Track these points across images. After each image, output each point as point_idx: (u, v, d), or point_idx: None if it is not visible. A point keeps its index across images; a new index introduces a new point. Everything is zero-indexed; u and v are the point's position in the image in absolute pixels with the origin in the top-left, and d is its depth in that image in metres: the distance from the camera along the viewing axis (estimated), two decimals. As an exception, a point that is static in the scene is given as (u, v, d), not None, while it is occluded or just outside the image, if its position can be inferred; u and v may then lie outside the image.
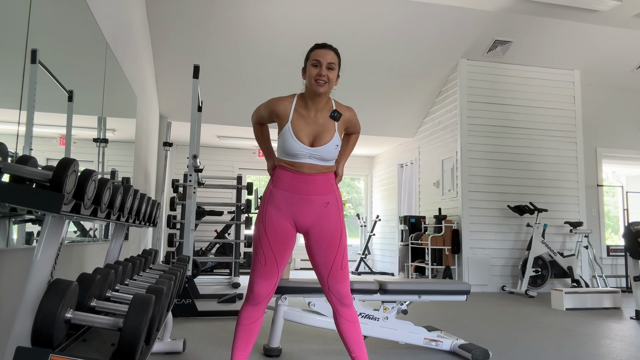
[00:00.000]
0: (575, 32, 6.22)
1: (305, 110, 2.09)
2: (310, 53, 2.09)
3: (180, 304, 3.96)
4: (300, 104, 2.10)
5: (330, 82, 2.03)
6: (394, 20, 5.85)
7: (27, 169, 1.15)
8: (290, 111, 2.08)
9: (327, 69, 2.03)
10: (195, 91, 4.42)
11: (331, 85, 2.05)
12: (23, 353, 1.05)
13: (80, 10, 2.59)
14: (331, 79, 2.03)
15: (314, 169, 2.06)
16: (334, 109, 2.12)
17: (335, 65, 2.06)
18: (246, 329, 2.04)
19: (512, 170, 6.70)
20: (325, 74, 2.02)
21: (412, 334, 2.94)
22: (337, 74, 2.09)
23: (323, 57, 2.04)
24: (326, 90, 2.03)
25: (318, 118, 2.09)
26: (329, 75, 2.02)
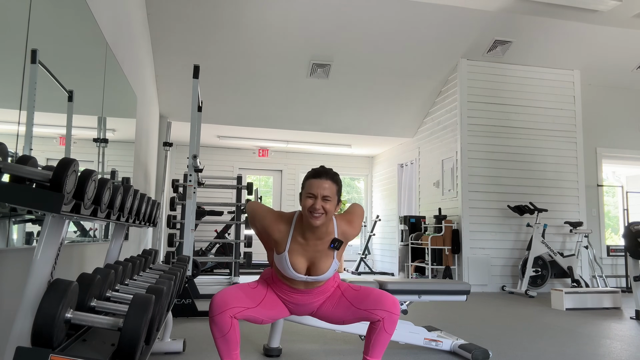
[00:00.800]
0: (575, 32, 6.22)
1: (303, 239, 2.01)
2: (305, 182, 1.97)
3: (180, 304, 3.96)
4: (299, 229, 2.01)
5: (328, 212, 1.93)
6: (394, 20, 5.85)
7: (27, 169, 1.15)
8: (287, 240, 1.99)
9: (323, 201, 1.91)
10: (195, 91, 4.42)
11: (330, 214, 1.95)
12: (23, 353, 1.05)
13: (80, 10, 2.59)
14: (328, 209, 1.92)
15: (310, 285, 2.10)
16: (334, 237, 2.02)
17: (331, 197, 1.93)
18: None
19: (512, 170, 6.70)
20: (320, 206, 1.90)
21: (412, 334, 2.93)
22: (339, 199, 1.99)
23: (317, 190, 1.91)
24: (323, 221, 1.93)
25: (317, 246, 2.01)
26: (325, 207, 1.91)
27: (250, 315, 2.02)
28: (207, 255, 7.61)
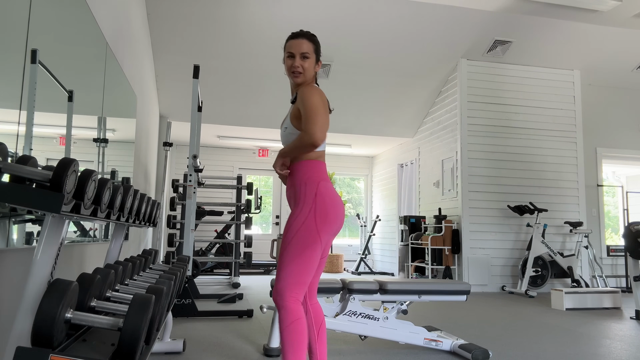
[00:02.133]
0: (575, 32, 6.22)
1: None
2: (285, 44, 2.04)
3: (180, 304, 3.96)
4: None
5: (306, 71, 1.97)
6: (394, 20, 5.85)
7: (27, 169, 1.15)
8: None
9: (302, 58, 1.97)
10: (195, 91, 4.42)
11: (308, 74, 1.98)
12: (23, 353, 1.05)
13: (80, 10, 2.59)
14: (307, 68, 1.97)
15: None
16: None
17: (310, 53, 1.98)
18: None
19: (512, 170, 6.71)
20: (300, 64, 1.96)
21: (412, 334, 2.94)
22: (316, 60, 2.02)
23: (296, 48, 1.98)
24: (303, 80, 1.98)
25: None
26: (304, 65, 1.96)
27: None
28: (207, 255, 7.61)
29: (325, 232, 1.87)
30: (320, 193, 1.89)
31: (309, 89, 1.92)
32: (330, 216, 1.88)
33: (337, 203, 1.91)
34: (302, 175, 1.93)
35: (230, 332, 3.45)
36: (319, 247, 1.86)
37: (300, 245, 1.84)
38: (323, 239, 1.87)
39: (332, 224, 1.88)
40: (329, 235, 1.89)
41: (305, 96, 1.90)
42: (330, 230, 1.89)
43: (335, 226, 1.90)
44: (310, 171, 1.93)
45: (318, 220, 1.85)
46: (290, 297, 1.81)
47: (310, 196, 1.88)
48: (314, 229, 1.85)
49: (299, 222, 1.86)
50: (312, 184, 1.90)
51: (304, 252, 1.83)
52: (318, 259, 1.87)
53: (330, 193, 1.91)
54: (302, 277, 1.84)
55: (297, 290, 1.83)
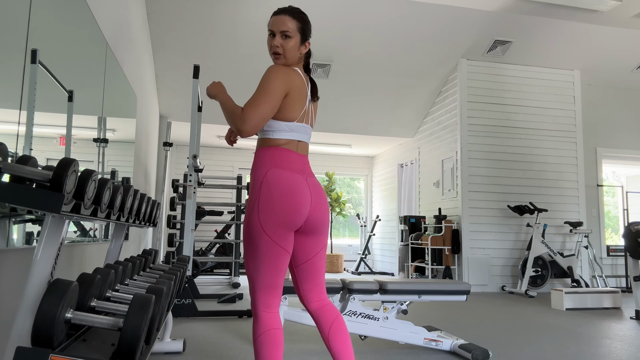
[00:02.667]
0: (575, 32, 6.22)
1: None
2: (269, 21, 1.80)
3: (180, 304, 3.96)
4: None
5: (286, 52, 1.74)
6: (394, 20, 5.85)
7: (27, 169, 1.15)
8: None
9: (283, 37, 1.73)
10: (195, 91, 4.42)
11: (289, 55, 1.74)
12: (23, 353, 1.05)
13: (80, 10, 2.59)
14: (287, 48, 1.73)
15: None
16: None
17: (292, 32, 1.73)
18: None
19: (512, 170, 6.71)
20: (279, 43, 1.73)
21: (412, 334, 2.94)
22: (302, 40, 1.77)
23: (277, 26, 1.74)
24: (283, 62, 1.75)
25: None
26: (284, 45, 1.73)
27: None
28: (207, 255, 7.61)
29: (271, 226, 1.60)
30: (267, 180, 1.63)
31: (269, 70, 1.69)
32: (276, 206, 1.60)
33: (287, 190, 1.62)
34: (254, 164, 1.72)
35: (230, 332, 3.45)
36: (271, 245, 1.61)
37: (251, 245, 1.63)
38: (272, 234, 1.60)
39: (280, 216, 1.60)
40: (279, 229, 1.61)
41: (264, 75, 1.69)
42: (280, 223, 1.61)
43: (287, 218, 1.61)
44: (263, 158, 1.69)
45: (261, 214, 1.60)
46: (260, 305, 1.63)
47: (257, 186, 1.65)
48: (257, 225, 1.61)
49: (246, 220, 1.66)
50: (260, 171, 1.67)
51: (256, 253, 1.62)
52: (279, 257, 1.63)
53: (280, 180, 1.63)
54: (265, 281, 1.63)
55: (265, 296, 1.64)
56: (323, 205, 1.73)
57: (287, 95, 1.68)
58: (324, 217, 1.74)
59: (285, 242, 1.63)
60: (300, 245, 1.75)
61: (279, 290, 1.66)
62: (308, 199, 1.66)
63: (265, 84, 1.65)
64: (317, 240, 1.76)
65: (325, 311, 1.78)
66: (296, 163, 1.71)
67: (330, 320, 1.75)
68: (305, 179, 1.70)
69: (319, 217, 1.71)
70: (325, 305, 1.80)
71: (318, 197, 1.71)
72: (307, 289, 1.79)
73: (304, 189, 1.66)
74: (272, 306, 1.64)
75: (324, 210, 1.74)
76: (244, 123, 1.60)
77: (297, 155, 1.73)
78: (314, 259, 1.77)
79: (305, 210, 1.65)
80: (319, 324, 1.76)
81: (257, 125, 1.61)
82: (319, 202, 1.71)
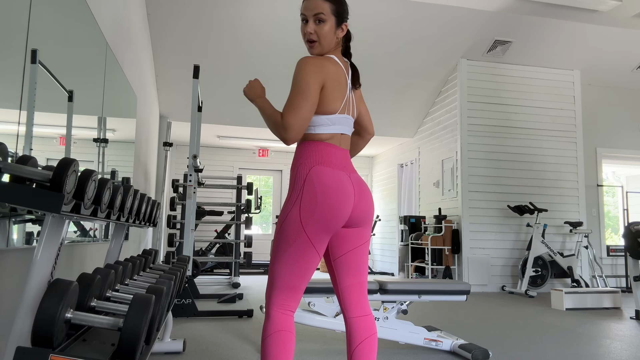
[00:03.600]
0: (575, 32, 6.22)
1: None
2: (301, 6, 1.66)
3: (180, 304, 3.96)
4: None
5: (322, 38, 1.59)
6: (394, 20, 5.85)
7: (27, 169, 1.15)
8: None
9: (316, 22, 1.59)
10: (195, 91, 4.42)
11: (325, 42, 1.60)
12: (23, 353, 1.05)
13: (80, 10, 2.59)
14: (323, 34, 1.59)
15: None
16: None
17: (325, 15, 1.58)
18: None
19: (512, 170, 6.71)
20: (313, 30, 1.59)
21: (412, 334, 2.94)
22: (338, 23, 1.63)
23: (308, 10, 1.59)
24: (320, 50, 1.62)
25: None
26: (318, 31, 1.59)
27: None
28: (207, 255, 7.61)
29: (312, 226, 1.51)
30: (310, 179, 1.54)
31: (299, 65, 1.55)
32: (319, 206, 1.50)
33: (331, 191, 1.53)
34: (295, 160, 1.62)
35: (230, 332, 3.45)
36: (306, 245, 1.51)
37: (284, 242, 1.53)
38: (311, 234, 1.51)
39: (322, 216, 1.51)
40: (320, 230, 1.52)
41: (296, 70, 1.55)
42: (321, 224, 1.51)
43: (329, 219, 1.52)
44: (306, 154, 1.59)
45: (303, 211, 1.51)
46: (275, 304, 1.53)
47: (299, 183, 1.55)
48: (297, 222, 1.51)
49: (283, 215, 1.56)
50: (303, 168, 1.57)
51: (287, 250, 1.52)
52: (310, 260, 1.53)
53: (324, 178, 1.54)
54: (288, 281, 1.53)
55: (283, 297, 1.53)
56: (368, 201, 1.63)
57: (323, 87, 1.55)
58: (369, 212, 1.63)
59: (320, 245, 1.54)
60: (341, 236, 1.62)
61: (298, 295, 1.55)
62: (352, 198, 1.57)
63: (299, 82, 1.53)
64: (358, 233, 1.63)
65: (362, 323, 1.60)
66: (339, 159, 1.60)
67: (363, 335, 1.58)
68: (349, 175, 1.60)
69: (363, 213, 1.61)
70: (365, 317, 1.62)
71: (362, 195, 1.61)
72: (346, 287, 1.63)
73: (348, 188, 1.56)
74: (288, 308, 1.53)
75: (369, 206, 1.63)
76: (287, 131, 1.49)
77: (340, 150, 1.62)
78: (355, 252, 1.63)
79: (348, 210, 1.56)
80: (349, 335, 1.59)
81: (301, 129, 1.50)
82: (364, 198, 1.61)
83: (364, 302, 1.63)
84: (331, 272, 1.67)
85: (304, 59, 1.56)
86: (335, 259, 1.63)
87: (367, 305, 1.64)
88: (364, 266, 1.65)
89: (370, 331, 1.58)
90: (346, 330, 1.61)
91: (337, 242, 1.62)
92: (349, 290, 1.62)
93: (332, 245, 1.63)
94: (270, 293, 1.55)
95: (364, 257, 1.65)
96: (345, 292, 1.62)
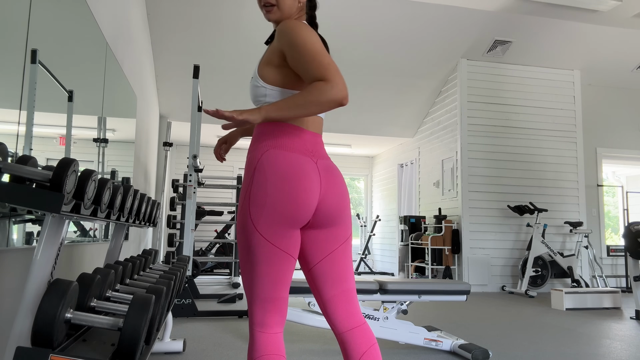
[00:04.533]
0: (575, 32, 6.22)
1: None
2: None
3: (180, 304, 3.96)
4: None
5: (280, 3, 1.35)
6: (394, 20, 5.85)
7: (27, 169, 1.15)
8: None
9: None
10: (195, 91, 4.42)
11: (285, 7, 1.36)
12: (23, 353, 1.05)
13: (80, 10, 2.59)
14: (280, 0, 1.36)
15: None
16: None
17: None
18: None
19: (512, 170, 6.71)
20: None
21: (412, 334, 2.94)
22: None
23: None
24: (279, 16, 1.38)
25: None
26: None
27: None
28: (207, 255, 7.61)
29: (264, 224, 1.23)
30: (261, 165, 1.26)
31: (298, 25, 1.28)
32: (269, 198, 1.23)
33: (286, 177, 1.24)
34: (251, 144, 1.36)
35: (230, 332, 3.45)
36: (265, 247, 1.24)
37: (243, 247, 1.28)
38: (266, 233, 1.23)
39: (274, 210, 1.23)
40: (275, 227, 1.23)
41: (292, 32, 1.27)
42: (274, 220, 1.23)
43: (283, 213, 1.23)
44: (263, 136, 1.32)
45: (252, 206, 1.24)
46: (256, 324, 1.27)
47: (249, 173, 1.29)
48: (248, 220, 1.25)
49: (237, 215, 1.31)
50: (255, 154, 1.30)
51: (248, 256, 1.27)
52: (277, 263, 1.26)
53: (278, 163, 1.26)
54: (261, 292, 1.27)
55: (262, 313, 1.27)
56: (338, 191, 1.33)
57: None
58: (341, 205, 1.34)
59: (284, 243, 1.25)
60: (312, 240, 1.33)
61: (280, 306, 1.29)
62: (316, 186, 1.27)
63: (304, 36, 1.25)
64: (333, 233, 1.34)
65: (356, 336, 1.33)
66: (304, 143, 1.32)
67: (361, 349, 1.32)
68: (315, 161, 1.31)
69: (334, 206, 1.31)
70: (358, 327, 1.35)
71: (330, 183, 1.32)
72: (329, 300, 1.35)
73: (310, 174, 1.27)
74: (270, 325, 1.27)
75: (341, 197, 1.34)
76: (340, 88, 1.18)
77: (307, 133, 1.33)
78: (332, 257, 1.34)
79: (313, 201, 1.26)
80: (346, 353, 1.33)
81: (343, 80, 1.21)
82: (333, 188, 1.32)
83: (354, 311, 1.36)
84: (310, 283, 1.39)
85: (294, 22, 1.30)
86: (310, 268, 1.35)
87: (359, 314, 1.37)
88: (346, 272, 1.36)
89: (369, 343, 1.33)
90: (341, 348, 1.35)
91: (310, 248, 1.34)
92: (333, 302, 1.34)
93: (305, 252, 1.35)
94: (250, 310, 1.30)
95: (345, 261, 1.36)
96: (330, 304, 1.35)
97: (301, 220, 1.26)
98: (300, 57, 1.23)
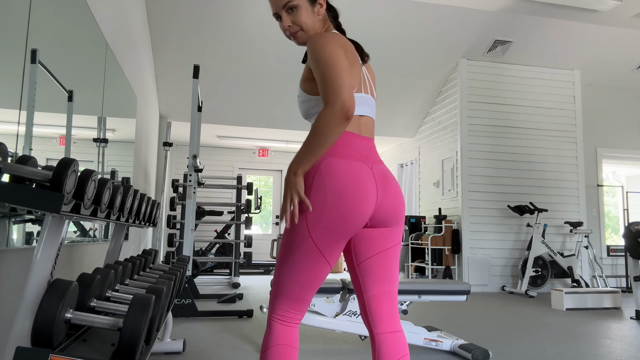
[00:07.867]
0: (575, 32, 6.22)
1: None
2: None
3: (180, 304, 3.96)
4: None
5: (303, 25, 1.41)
6: (394, 20, 5.85)
7: (27, 169, 1.15)
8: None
9: (289, 13, 1.41)
10: (195, 91, 4.42)
11: (308, 26, 1.41)
12: (23, 353, 1.05)
13: (80, 10, 2.59)
14: (302, 21, 1.40)
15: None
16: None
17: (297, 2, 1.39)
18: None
19: (512, 170, 6.71)
20: (290, 22, 1.41)
21: (412, 334, 2.94)
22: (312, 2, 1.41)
23: (276, 4, 1.42)
24: (306, 39, 1.42)
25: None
26: (295, 20, 1.40)
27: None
28: (207, 255, 7.61)
29: (320, 231, 1.28)
30: (320, 173, 1.30)
31: (316, 38, 1.31)
32: (328, 207, 1.27)
33: (345, 188, 1.27)
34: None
35: (230, 332, 3.45)
36: (313, 253, 1.29)
37: (289, 247, 1.32)
38: (318, 240, 1.28)
39: (332, 220, 1.27)
40: (329, 236, 1.28)
41: (311, 51, 1.30)
42: (331, 229, 1.27)
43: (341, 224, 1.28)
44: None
45: (309, 213, 1.28)
46: (277, 314, 1.34)
47: (308, 179, 1.31)
48: (303, 225, 1.29)
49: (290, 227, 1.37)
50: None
51: (292, 257, 1.31)
52: (318, 270, 1.31)
53: (337, 173, 1.29)
54: (292, 291, 1.33)
55: (286, 307, 1.34)
56: (394, 197, 1.37)
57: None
58: (397, 209, 1.37)
59: (330, 253, 1.30)
60: (365, 236, 1.37)
61: (303, 306, 1.35)
62: (372, 194, 1.30)
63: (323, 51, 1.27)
64: (386, 234, 1.38)
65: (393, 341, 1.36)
66: (359, 149, 1.34)
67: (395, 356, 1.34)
68: (371, 167, 1.34)
69: (389, 212, 1.35)
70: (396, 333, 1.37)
71: (387, 190, 1.35)
72: (372, 298, 1.38)
73: (366, 182, 1.30)
74: (290, 320, 1.34)
75: (397, 202, 1.37)
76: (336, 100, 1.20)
77: (360, 138, 1.36)
78: (381, 256, 1.38)
79: (369, 210, 1.30)
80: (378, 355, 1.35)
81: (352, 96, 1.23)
82: (388, 195, 1.35)
83: (395, 315, 1.38)
84: (354, 279, 1.42)
85: (315, 35, 1.34)
86: (359, 263, 1.39)
87: (398, 320, 1.39)
88: (393, 273, 1.40)
89: (403, 351, 1.35)
90: (373, 349, 1.37)
91: (361, 244, 1.38)
92: (375, 301, 1.38)
93: (355, 248, 1.39)
94: (273, 300, 1.36)
95: (394, 263, 1.40)
96: (372, 303, 1.38)
97: (355, 230, 1.31)
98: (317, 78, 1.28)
